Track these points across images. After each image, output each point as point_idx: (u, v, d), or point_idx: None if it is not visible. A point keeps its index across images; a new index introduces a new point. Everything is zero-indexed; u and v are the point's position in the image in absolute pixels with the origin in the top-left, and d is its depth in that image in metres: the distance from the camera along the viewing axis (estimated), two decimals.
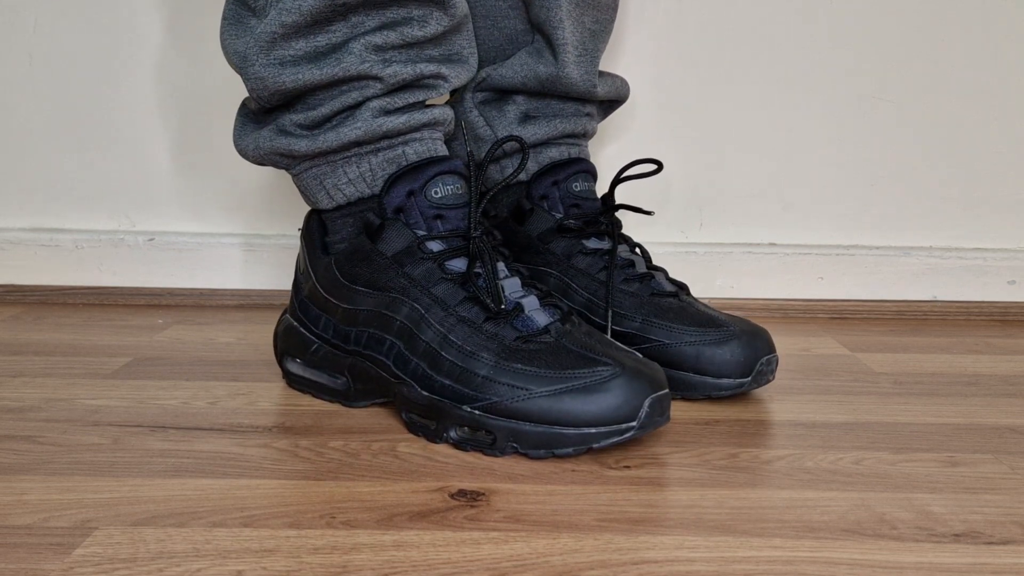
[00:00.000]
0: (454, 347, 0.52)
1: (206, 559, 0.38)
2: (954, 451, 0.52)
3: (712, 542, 0.40)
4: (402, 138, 0.56)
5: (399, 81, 0.55)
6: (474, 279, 0.53)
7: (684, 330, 0.60)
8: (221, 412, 0.57)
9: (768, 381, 0.61)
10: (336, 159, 0.56)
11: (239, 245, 0.90)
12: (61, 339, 0.75)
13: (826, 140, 0.90)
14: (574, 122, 0.69)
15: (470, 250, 0.54)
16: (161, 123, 0.89)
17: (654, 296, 0.63)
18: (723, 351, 0.59)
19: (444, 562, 0.38)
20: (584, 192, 0.68)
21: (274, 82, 0.54)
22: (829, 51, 0.88)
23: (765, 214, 0.92)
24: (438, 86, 0.57)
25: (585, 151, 0.72)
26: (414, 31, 0.54)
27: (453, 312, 0.53)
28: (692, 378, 0.59)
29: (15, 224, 0.91)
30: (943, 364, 0.73)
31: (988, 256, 0.91)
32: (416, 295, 0.53)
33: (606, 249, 0.66)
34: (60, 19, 0.87)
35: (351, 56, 0.53)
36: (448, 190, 0.55)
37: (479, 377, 0.50)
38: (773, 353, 0.60)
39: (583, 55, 0.67)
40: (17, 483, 0.45)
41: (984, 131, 0.90)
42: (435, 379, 0.52)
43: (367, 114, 0.55)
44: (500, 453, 0.50)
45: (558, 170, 0.68)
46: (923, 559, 0.39)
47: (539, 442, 0.49)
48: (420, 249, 0.54)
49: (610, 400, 0.48)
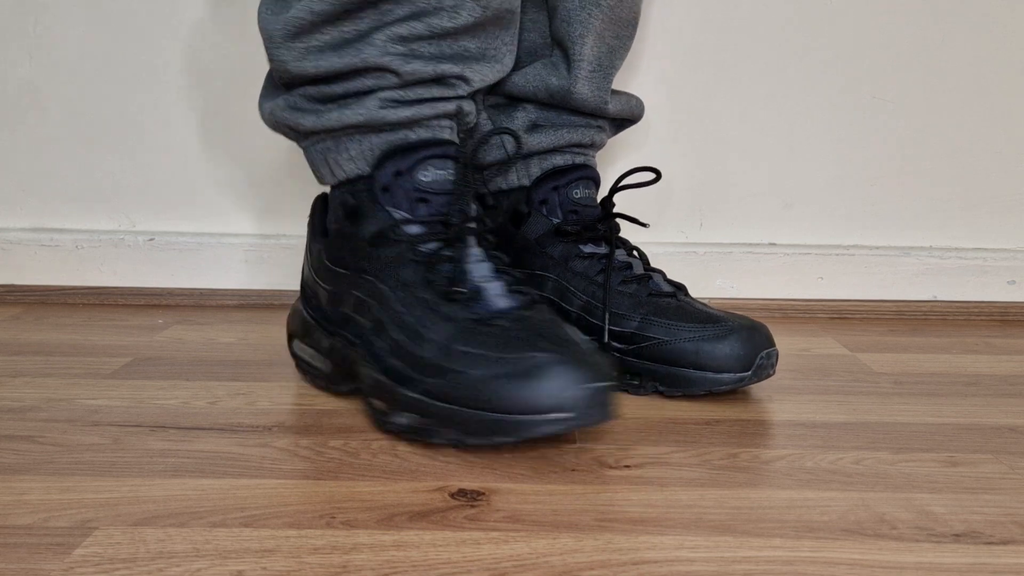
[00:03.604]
0: (408, 328, 0.51)
1: (206, 559, 0.38)
2: (954, 451, 0.52)
3: (712, 542, 0.40)
4: (409, 124, 0.56)
5: (416, 78, 0.54)
6: (440, 261, 0.53)
7: (682, 327, 0.60)
8: (221, 412, 0.57)
9: (768, 375, 0.60)
10: (340, 135, 0.56)
11: (239, 245, 0.90)
12: (61, 339, 0.75)
13: (826, 140, 0.90)
14: (582, 133, 0.69)
15: (448, 235, 0.53)
16: (161, 123, 0.89)
17: (652, 296, 0.63)
18: (722, 346, 0.59)
19: (444, 562, 0.38)
20: (584, 199, 0.68)
21: (296, 67, 0.55)
22: (829, 51, 0.88)
23: (765, 214, 0.92)
24: (456, 86, 0.56)
25: (591, 160, 0.72)
26: (443, 22, 0.53)
27: (413, 293, 0.52)
28: (692, 374, 0.59)
29: (15, 224, 0.91)
30: (943, 364, 0.73)
31: (988, 256, 0.91)
32: (385, 276, 0.53)
33: (603, 253, 0.66)
34: (60, 19, 0.87)
35: (372, 48, 0.53)
36: (439, 175, 0.55)
37: (423, 359, 0.49)
38: (772, 347, 0.60)
39: (596, 71, 0.66)
40: (17, 483, 0.45)
41: (984, 131, 0.90)
42: (387, 360, 0.51)
43: (374, 103, 0.54)
44: (441, 441, 0.48)
45: (559, 176, 0.68)
46: (923, 559, 0.39)
47: (477, 429, 0.47)
48: (394, 232, 0.54)
49: (544, 387, 0.45)
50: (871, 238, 0.92)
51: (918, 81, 0.89)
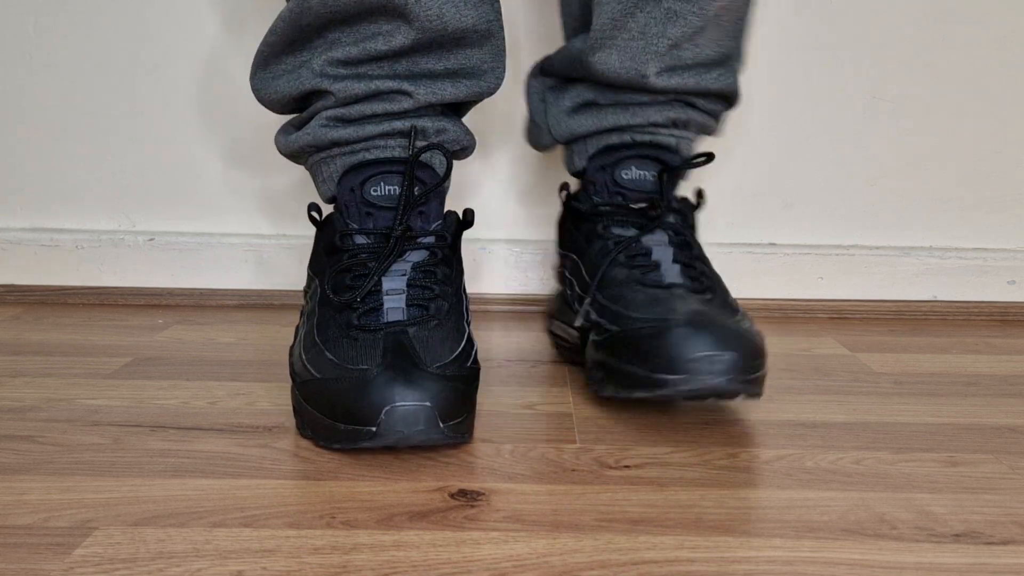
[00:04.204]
0: (310, 331, 0.55)
1: (206, 559, 0.38)
2: (954, 451, 0.52)
3: (712, 542, 0.40)
4: (364, 144, 0.58)
5: (351, 95, 0.56)
6: (352, 270, 0.56)
7: (632, 318, 0.55)
8: (221, 412, 0.57)
9: (719, 384, 0.51)
10: (318, 158, 0.60)
11: (239, 245, 0.90)
12: (61, 339, 0.75)
13: (826, 140, 0.90)
14: (634, 113, 0.63)
15: (387, 247, 0.56)
16: (161, 123, 0.89)
17: (640, 285, 0.57)
18: (657, 342, 0.52)
19: (444, 562, 0.38)
20: (635, 180, 0.63)
21: (259, 94, 0.61)
22: (829, 51, 0.88)
23: (765, 214, 0.92)
24: (398, 100, 0.57)
25: (661, 138, 0.64)
26: (378, 45, 0.55)
27: (328, 299, 0.55)
28: (637, 372, 0.53)
29: (15, 224, 0.91)
30: (943, 364, 0.73)
31: (988, 256, 0.91)
32: (321, 282, 0.57)
33: (627, 236, 0.61)
34: (60, 19, 0.87)
35: (308, 72, 0.57)
36: (388, 190, 0.57)
37: (300, 360, 0.54)
38: (721, 351, 0.51)
39: (624, 38, 0.60)
40: (17, 483, 0.45)
41: (984, 131, 0.90)
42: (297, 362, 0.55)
43: (317, 123, 0.58)
44: (307, 437, 0.52)
45: (607, 154, 0.64)
46: (923, 559, 0.39)
47: (324, 432, 0.50)
48: (342, 242, 0.57)
49: (354, 401, 0.47)
50: (871, 238, 0.92)
51: (918, 81, 0.89)
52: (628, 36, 0.60)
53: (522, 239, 0.92)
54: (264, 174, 0.91)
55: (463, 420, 0.50)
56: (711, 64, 0.63)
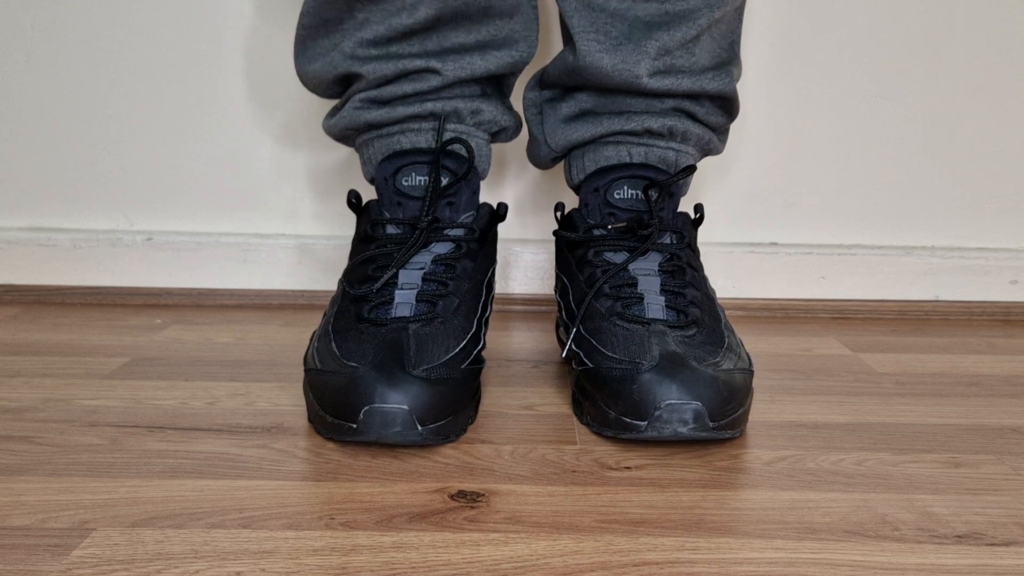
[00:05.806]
0: (328, 320, 0.56)
1: (204, 560, 0.38)
2: (956, 452, 0.52)
3: (713, 543, 0.40)
4: (399, 127, 0.58)
5: (381, 76, 0.57)
6: (375, 260, 0.57)
7: (606, 356, 0.54)
8: (219, 412, 0.56)
9: (685, 434, 0.49)
10: (360, 140, 0.61)
11: (238, 245, 0.90)
12: (59, 339, 0.75)
13: (828, 140, 0.90)
14: (628, 119, 0.61)
15: (415, 237, 0.56)
16: (160, 123, 0.89)
17: (619, 319, 0.55)
18: (626, 387, 0.51)
19: (444, 564, 0.38)
20: (625, 200, 0.61)
21: (303, 79, 0.62)
22: (830, 50, 0.88)
23: (767, 214, 0.92)
24: (427, 79, 0.57)
25: (658, 152, 0.62)
26: (403, 20, 0.55)
27: (347, 289, 0.56)
28: (608, 413, 0.52)
29: (13, 224, 0.91)
30: (945, 364, 0.72)
31: (990, 256, 0.91)
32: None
33: (612, 263, 0.59)
34: (58, 19, 0.87)
35: (340, 55, 0.57)
36: (418, 180, 0.58)
37: (312, 347, 0.55)
38: (687, 401, 0.49)
39: (606, 38, 0.59)
40: (15, 484, 0.45)
41: (986, 130, 0.90)
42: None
43: (351, 106, 0.59)
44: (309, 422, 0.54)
45: (601, 176, 0.62)
46: (925, 560, 0.39)
47: (318, 421, 0.51)
48: (373, 230, 0.58)
49: (341, 396, 0.49)
50: (873, 238, 0.92)
51: (920, 81, 0.89)
52: (587, 36, 0.59)
53: (520, 239, 0.92)
54: (263, 174, 0.90)
55: (447, 422, 0.50)
56: (707, 68, 0.62)
